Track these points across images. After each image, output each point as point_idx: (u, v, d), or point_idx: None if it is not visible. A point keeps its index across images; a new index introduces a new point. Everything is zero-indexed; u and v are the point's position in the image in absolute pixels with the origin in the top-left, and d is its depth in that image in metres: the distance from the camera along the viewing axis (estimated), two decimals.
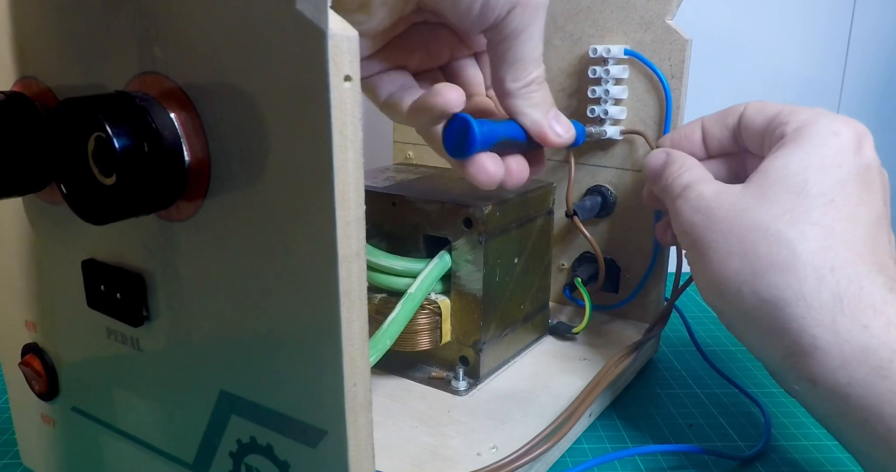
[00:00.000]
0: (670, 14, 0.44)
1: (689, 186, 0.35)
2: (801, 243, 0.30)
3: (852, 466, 0.37)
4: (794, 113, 0.34)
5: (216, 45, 0.21)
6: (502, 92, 0.34)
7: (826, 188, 0.31)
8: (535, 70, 0.33)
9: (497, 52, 0.33)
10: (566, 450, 0.39)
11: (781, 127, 0.34)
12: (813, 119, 0.33)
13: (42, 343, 0.32)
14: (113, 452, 0.31)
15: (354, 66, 0.19)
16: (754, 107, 0.36)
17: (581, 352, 0.45)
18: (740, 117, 0.37)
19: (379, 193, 0.41)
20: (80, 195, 0.23)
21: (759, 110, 0.36)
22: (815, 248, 0.30)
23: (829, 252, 0.30)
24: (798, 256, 0.30)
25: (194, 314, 0.25)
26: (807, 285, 0.30)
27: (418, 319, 0.39)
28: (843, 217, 0.31)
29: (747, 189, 0.33)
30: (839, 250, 0.30)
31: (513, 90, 0.33)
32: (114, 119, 0.21)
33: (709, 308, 0.35)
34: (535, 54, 0.33)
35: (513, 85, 0.33)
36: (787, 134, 0.33)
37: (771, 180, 0.32)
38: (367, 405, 0.22)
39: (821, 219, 0.31)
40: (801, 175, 0.32)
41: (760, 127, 0.35)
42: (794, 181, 0.31)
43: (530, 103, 0.34)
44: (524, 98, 0.34)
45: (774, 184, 0.32)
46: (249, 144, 0.21)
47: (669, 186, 0.36)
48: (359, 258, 0.20)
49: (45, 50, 0.26)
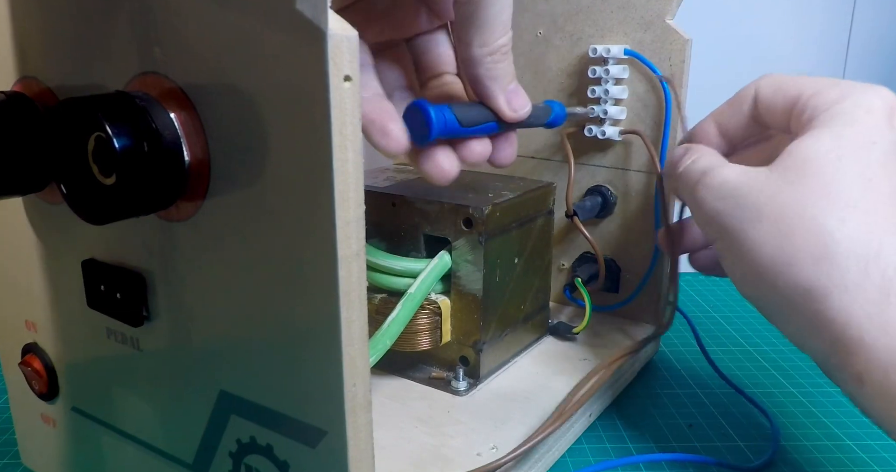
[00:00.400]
0: (670, 14, 0.44)
1: (708, 171, 0.32)
2: (839, 230, 0.28)
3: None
4: (819, 94, 0.31)
5: (216, 46, 0.21)
6: (468, 58, 0.31)
7: (863, 168, 0.28)
8: (503, 36, 0.31)
9: (463, 12, 0.30)
10: (566, 450, 0.39)
11: (809, 110, 0.31)
12: (841, 97, 0.30)
13: (42, 343, 0.32)
14: (113, 452, 0.31)
15: (354, 66, 0.19)
16: (769, 86, 0.34)
17: (581, 352, 0.45)
18: (755, 100, 0.34)
19: (379, 193, 0.41)
20: (80, 195, 0.23)
21: (777, 90, 0.33)
22: (856, 234, 0.27)
23: (872, 238, 0.27)
24: (838, 243, 0.27)
25: (194, 314, 0.25)
26: (850, 275, 0.27)
27: (418, 319, 0.38)
28: (886, 198, 0.28)
29: (775, 171, 0.30)
30: (883, 235, 0.27)
31: (478, 57, 0.31)
32: (114, 119, 0.21)
33: (711, 310, 0.34)
34: (504, 16, 0.30)
35: (479, 51, 0.31)
36: (816, 117, 0.31)
37: (800, 162, 0.29)
38: (367, 405, 0.22)
39: (860, 202, 0.28)
40: (833, 154, 0.29)
41: (783, 108, 0.33)
42: (826, 162, 0.29)
43: (491, 75, 0.31)
44: (487, 68, 0.31)
45: (806, 164, 0.29)
46: (249, 143, 0.21)
47: (684, 175, 0.34)
48: (359, 258, 0.20)
49: (45, 50, 0.26)
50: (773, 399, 0.44)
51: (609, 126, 0.46)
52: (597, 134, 0.46)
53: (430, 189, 0.41)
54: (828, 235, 0.28)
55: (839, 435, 0.41)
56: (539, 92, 0.49)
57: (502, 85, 0.32)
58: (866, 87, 0.31)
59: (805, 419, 0.42)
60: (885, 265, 0.27)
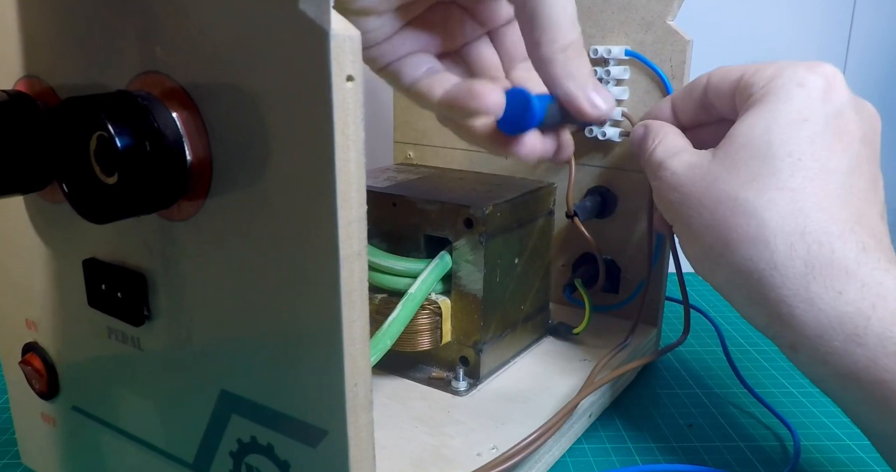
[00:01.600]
0: (671, 15, 0.44)
1: (662, 163, 0.34)
2: (768, 211, 0.29)
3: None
4: (757, 72, 0.33)
5: (218, 45, 0.21)
6: (538, 58, 0.31)
7: (792, 147, 0.30)
8: (571, 32, 0.30)
9: (525, 14, 0.30)
10: (566, 450, 0.39)
11: (748, 88, 0.33)
12: (776, 73, 0.32)
13: (42, 342, 0.32)
14: (113, 451, 0.31)
15: (357, 66, 0.19)
16: (718, 73, 0.35)
17: (581, 353, 0.45)
18: (705, 87, 0.36)
19: (379, 193, 0.41)
20: (81, 194, 0.23)
21: (723, 76, 0.35)
22: (784, 213, 0.29)
23: (799, 216, 0.29)
24: (766, 225, 0.29)
25: (195, 314, 0.25)
26: (778, 255, 0.29)
27: (419, 319, 0.38)
28: (814, 175, 0.30)
29: (716, 158, 0.32)
30: (809, 211, 0.29)
31: (548, 55, 0.30)
32: (116, 118, 0.21)
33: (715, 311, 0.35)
34: (568, 13, 0.30)
35: (548, 49, 0.30)
36: (753, 94, 0.32)
37: (737, 146, 0.31)
38: (367, 405, 0.22)
39: (788, 181, 0.30)
40: (765, 137, 0.30)
41: (728, 92, 0.34)
42: (759, 144, 0.31)
43: (567, 72, 0.31)
44: (562, 66, 0.31)
45: (740, 150, 0.31)
46: (251, 143, 0.21)
47: (648, 163, 0.36)
48: (360, 258, 0.20)
49: (47, 49, 0.26)
50: (796, 420, 0.44)
51: (610, 127, 0.46)
52: (597, 135, 0.46)
53: (431, 189, 0.41)
54: (759, 217, 0.30)
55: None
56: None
57: (581, 82, 0.31)
58: (802, 63, 0.32)
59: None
60: (811, 241, 0.29)
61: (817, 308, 0.29)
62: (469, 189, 0.42)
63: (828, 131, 0.30)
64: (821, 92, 0.31)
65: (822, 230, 0.29)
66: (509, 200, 0.40)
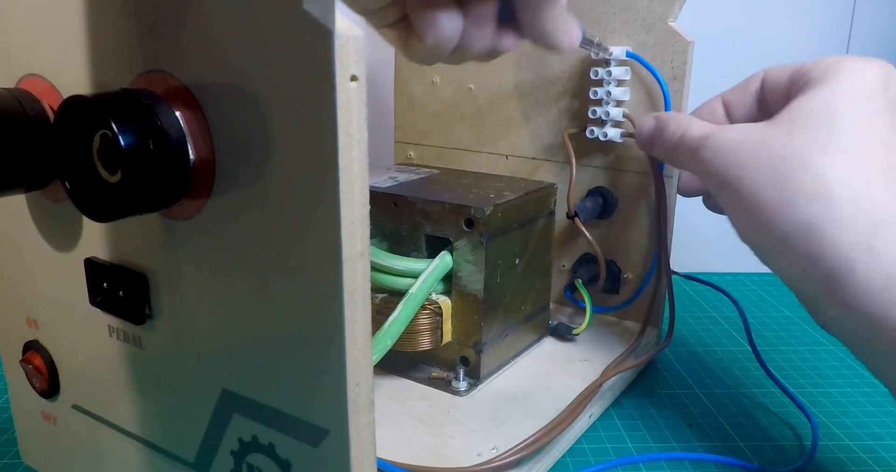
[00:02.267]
0: (672, 16, 0.44)
1: (710, 136, 0.34)
2: (832, 170, 0.30)
3: None
4: (816, 63, 0.34)
5: (222, 44, 0.21)
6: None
7: (855, 119, 0.31)
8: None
9: None
10: (566, 450, 0.39)
11: (805, 76, 0.34)
12: (835, 62, 0.33)
13: (43, 341, 0.32)
14: (114, 450, 0.31)
15: (360, 66, 0.19)
16: (774, 69, 0.37)
17: (581, 353, 0.45)
18: (762, 81, 0.37)
19: (380, 193, 0.41)
20: (84, 193, 0.23)
21: (781, 69, 0.36)
22: (848, 172, 0.30)
23: (861, 176, 0.30)
24: (831, 181, 0.30)
25: (197, 313, 0.25)
26: (843, 208, 0.30)
27: (419, 319, 0.39)
28: (877, 144, 0.31)
29: (774, 124, 0.33)
30: (872, 174, 0.30)
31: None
32: (119, 117, 0.21)
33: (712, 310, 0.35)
34: None
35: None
36: (812, 78, 0.33)
37: (798, 115, 0.32)
38: (369, 405, 0.22)
39: (852, 146, 0.31)
40: (828, 107, 0.32)
41: (784, 83, 0.35)
42: (821, 114, 0.32)
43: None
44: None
45: (802, 117, 0.32)
46: (255, 143, 0.21)
47: (680, 145, 0.36)
48: (363, 258, 0.21)
49: (50, 48, 0.26)
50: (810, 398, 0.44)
51: (611, 128, 0.46)
52: (598, 135, 0.46)
53: (432, 189, 0.41)
54: (821, 174, 0.30)
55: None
56: (541, 93, 0.49)
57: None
58: (863, 56, 0.33)
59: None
60: (875, 201, 0.30)
61: (881, 261, 0.29)
62: (470, 189, 0.42)
63: (889, 114, 0.32)
64: (881, 81, 0.32)
65: (887, 193, 0.30)
66: (510, 200, 0.40)
